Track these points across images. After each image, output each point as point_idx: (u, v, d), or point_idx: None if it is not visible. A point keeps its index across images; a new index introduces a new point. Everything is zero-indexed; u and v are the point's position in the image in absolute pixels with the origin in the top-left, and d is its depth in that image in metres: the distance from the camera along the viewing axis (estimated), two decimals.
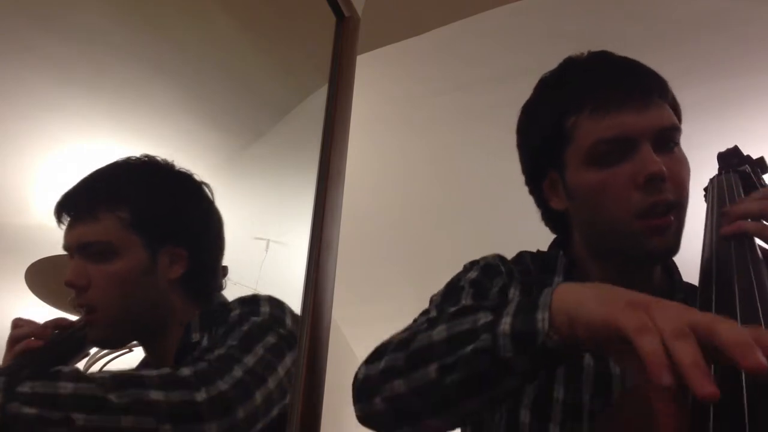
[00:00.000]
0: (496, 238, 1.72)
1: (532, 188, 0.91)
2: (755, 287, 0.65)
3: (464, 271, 0.87)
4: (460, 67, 2.22)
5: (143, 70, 1.58)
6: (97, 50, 1.51)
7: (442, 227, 2.94)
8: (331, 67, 1.36)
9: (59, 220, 0.96)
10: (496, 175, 2.51)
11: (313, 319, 1.06)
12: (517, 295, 0.83)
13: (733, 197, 0.89)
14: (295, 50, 1.72)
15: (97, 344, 1.01)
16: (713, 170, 0.99)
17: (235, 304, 0.93)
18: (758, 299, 0.63)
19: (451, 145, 2.55)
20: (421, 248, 3.01)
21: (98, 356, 1.65)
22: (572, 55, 0.89)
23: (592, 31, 2.01)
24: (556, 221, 0.90)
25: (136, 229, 0.94)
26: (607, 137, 0.77)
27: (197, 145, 1.70)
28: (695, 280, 0.78)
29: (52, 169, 1.58)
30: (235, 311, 0.91)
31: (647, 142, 0.77)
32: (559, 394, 0.76)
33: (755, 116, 2.31)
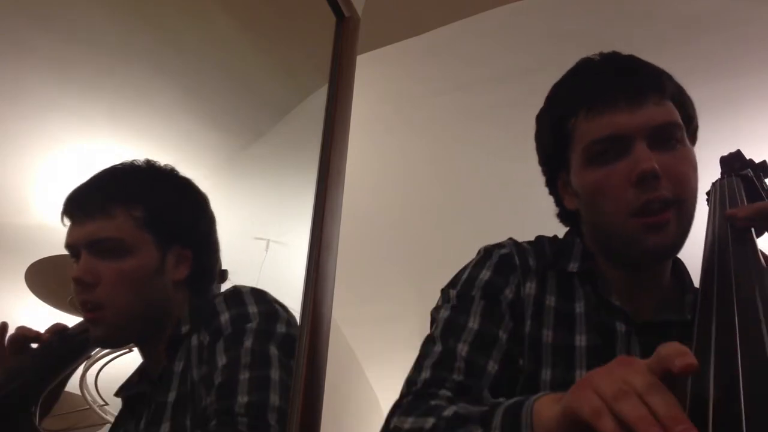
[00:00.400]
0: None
1: (550, 189, 0.92)
2: (756, 290, 0.65)
3: (478, 264, 0.86)
4: (460, 67, 2.22)
5: (143, 70, 1.58)
6: (97, 50, 1.51)
7: (442, 227, 2.94)
8: (331, 67, 1.36)
9: (66, 217, 0.96)
10: (496, 175, 2.51)
11: (313, 319, 1.06)
12: (533, 289, 0.83)
13: (735, 201, 0.89)
14: (295, 50, 1.72)
15: (100, 343, 1.01)
16: (713, 170, 0.99)
17: (219, 302, 0.91)
18: (759, 302, 0.63)
19: (451, 145, 2.55)
20: (421, 248, 3.01)
21: (98, 357, 1.65)
22: (587, 56, 0.89)
23: (592, 31, 2.01)
24: (570, 221, 0.91)
25: (148, 228, 0.94)
26: (599, 137, 0.79)
27: (197, 145, 1.70)
28: (694, 283, 0.78)
29: (52, 169, 1.58)
30: (223, 315, 0.89)
31: (642, 140, 0.77)
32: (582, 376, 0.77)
33: (755, 116, 2.31)
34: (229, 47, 1.67)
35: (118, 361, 1.70)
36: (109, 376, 1.75)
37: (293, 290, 1.08)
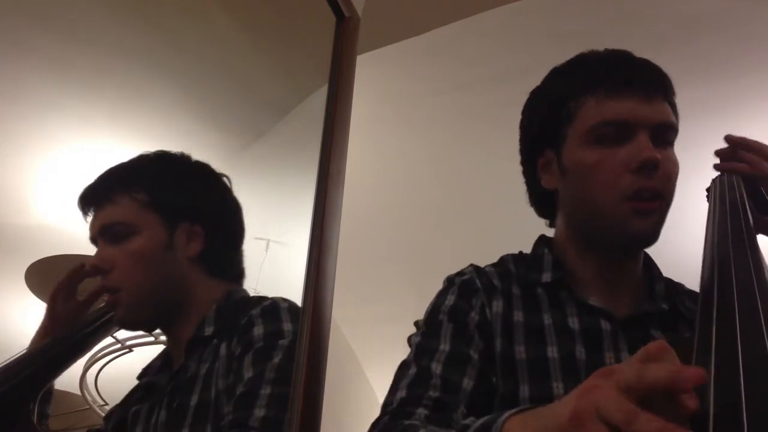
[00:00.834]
0: (496, 238, 1.72)
1: (526, 167, 0.93)
2: (756, 287, 0.65)
3: (442, 293, 0.87)
4: (460, 67, 2.22)
5: (143, 70, 1.59)
6: (97, 50, 1.51)
7: (442, 227, 2.94)
8: (331, 67, 1.36)
9: (82, 214, 1.00)
10: (496, 175, 2.51)
11: (313, 319, 1.05)
12: (500, 307, 0.84)
13: (734, 196, 0.89)
14: (295, 50, 1.72)
15: (122, 325, 1.03)
16: (710, 170, 0.99)
17: (256, 315, 0.91)
18: (759, 299, 0.63)
19: (451, 145, 2.55)
20: (421, 248, 3.01)
21: (98, 356, 1.65)
22: (594, 49, 0.91)
23: (592, 31, 2.01)
24: (543, 202, 0.92)
25: (153, 207, 0.97)
26: (609, 119, 0.81)
27: (197, 145, 1.70)
28: (694, 281, 0.78)
29: (52, 169, 1.58)
30: (257, 328, 0.89)
31: (645, 131, 0.80)
32: (558, 389, 0.76)
33: (755, 116, 2.31)
34: (229, 47, 1.67)
35: (118, 361, 1.70)
36: (109, 376, 1.75)
37: (293, 290, 1.08)
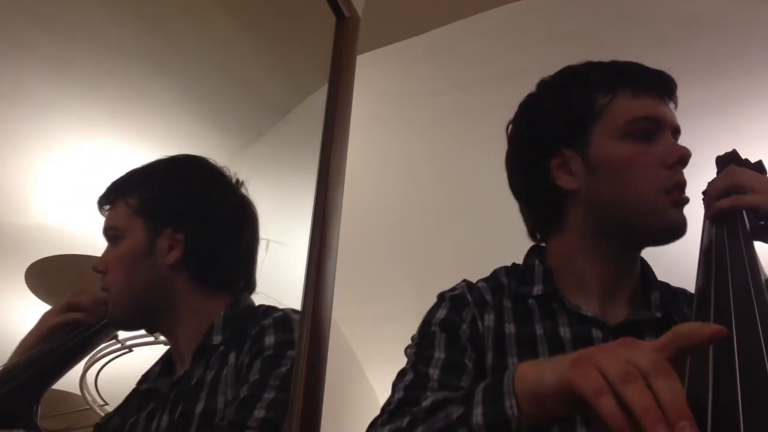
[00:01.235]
0: (496, 238, 1.72)
1: (530, 171, 0.92)
2: (752, 289, 0.65)
3: (433, 308, 0.88)
4: (460, 67, 2.21)
5: (143, 70, 1.58)
6: (97, 50, 1.51)
7: (442, 227, 2.94)
8: (331, 67, 1.36)
9: (102, 215, 1.04)
10: (496, 175, 2.50)
11: (313, 319, 1.05)
12: (491, 321, 0.84)
13: (732, 215, 0.89)
14: (295, 50, 1.72)
15: (112, 324, 1.05)
16: (713, 169, 0.99)
17: (268, 326, 0.92)
18: (756, 303, 0.63)
19: (451, 145, 2.55)
20: (421, 248, 3.01)
21: (98, 356, 1.65)
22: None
23: (592, 31, 2.01)
24: (550, 205, 0.91)
25: (140, 214, 0.99)
26: (645, 115, 0.84)
27: (197, 145, 1.70)
28: (690, 281, 0.79)
29: (52, 169, 1.58)
30: (268, 338, 0.90)
31: (669, 131, 0.86)
32: None
33: (755, 116, 2.30)
34: (229, 47, 1.67)
35: (118, 361, 1.70)
36: (109, 376, 1.75)
37: (293, 290, 1.08)
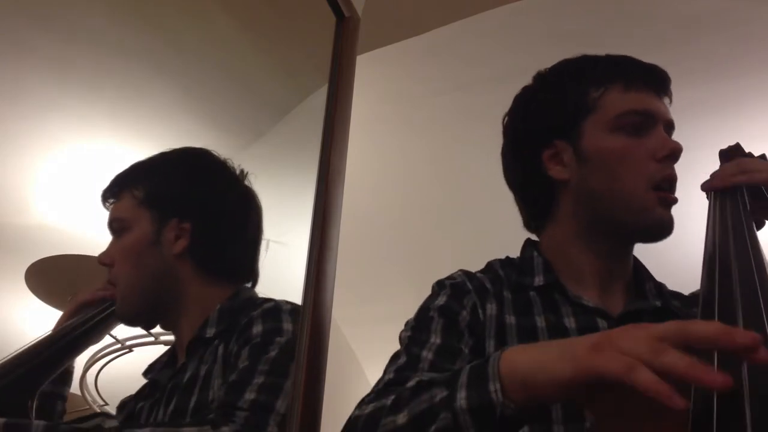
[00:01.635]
0: (496, 237, 1.72)
1: (523, 162, 0.93)
2: (758, 285, 0.65)
3: (432, 296, 0.87)
4: (460, 67, 2.21)
5: (143, 70, 1.58)
6: (97, 50, 1.51)
7: (442, 227, 2.94)
8: (331, 67, 1.36)
9: (105, 208, 1.03)
10: (496, 175, 2.50)
11: (313, 319, 1.05)
12: (493, 309, 0.84)
13: (734, 193, 0.90)
14: (295, 50, 1.72)
15: (119, 318, 1.04)
16: (713, 169, 0.99)
17: (256, 316, 0.92)
18: (761, 297, 0.63)
19: (451, 145, 2.55)
20: (421, 248, 3.01)
21: (98, 356, 1.65)
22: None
23: (592, 31, 2.01)
24: (542, 196, 0.91)
25: (146, 204, 0.99)
26: (638, 109, 0.85)
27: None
28: (690, 281, 0.79)
29: (52, 169, 1.58)
30: (256, 327, 0.90)
31: (661, 125, 0.85)
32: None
33: (756, 116, 2.30)
34: (229, 47, 1.67)
35: (118, 361, 1.70)
36: (109, 376, 1.75)
37: (293, 290, 1.08)
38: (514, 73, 2.15)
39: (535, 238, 0.96)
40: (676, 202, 0.84)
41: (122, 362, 1.68)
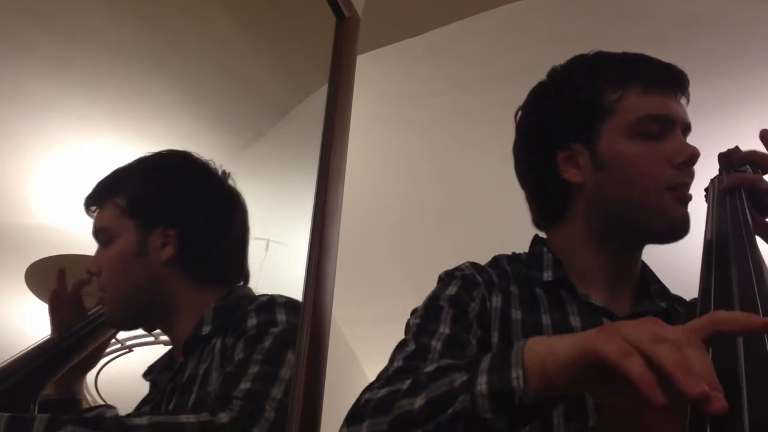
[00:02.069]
0: (496, 237, 1.72)
1: (537, 163, 0.92)
2: (756, 288, 0.65)
3: (442, 285, 0.87)
4: (460, 67, 2.21)
5: (143, 70, 1.58)
6: (97, 50, 1.51)
7: (442, 227, 2.94)
8: (331, 67, 1.36)
9: (89, 216, 1.03)
10: (496, 175, 2.51)
11: (313, 319, 1.05)
12: (498, 302, 0.84)
13: (733, 197, 0.90)
14: (295, 50, 1.72)
15: (109, 324, 1.05)
16: (713, 169, 0.99)
17: (251, 309, 0.92)
18: (759, 301, 0.63)
19: (451, 145, 2.55)
20: (421, 248, 3.01)
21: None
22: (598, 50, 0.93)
23: (592, 31, 2.01)
24: (555, 197, 0.91)
25: (129, 214, 0.99)
26: (656, 114, 0.84)
27: (197, 145, 1.70)
28: (693, 280, 0.78)
29: (52, 169, 1.58)
30: (251, 320, 0.90)
31: (679, 128, 0.85)
32: None
33: (756, 116, 2.30)
34: (229, 47, 1.67)
35: (118, 361, 1.70)
36: (109, 376, 1.75)
37: (293, 290, 1.08)
38: (514, 73, 2.17)
39: (542, 234, 0.96)
40: (691, 199, 0.84)
41: (122, 362, 1.68)
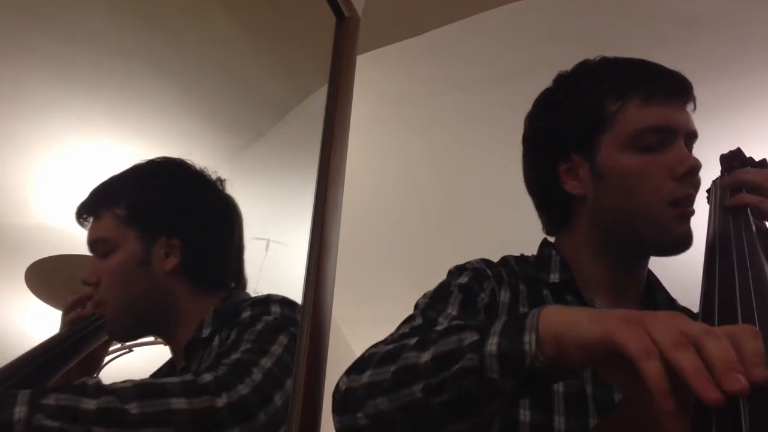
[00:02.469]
0: (496, 237, 1.72)
1: (540, 172, 0.92)
2: (758, 291, 0.65)
3: (453, 276, 0.86)
4: (460, 67, 2.21)
5: (143, 70, 1.58)
6: (97, 50, 1.51)
7: (442, 227, 2.94)
8: (331, 67, 1.36)
9: (81, 225, 1.01)
10: (496, 175, 2.51)
11: (313, 319, 1.05)
12: (507, 297, 0.84)
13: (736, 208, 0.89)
14: (295, 50, 1.72)
15: (109, 335, 1.04)
16: (713, 169, 0.99)
17: (246, 305, 0.94)
18: (761, 304, 0.63)
19: (451, 145, 2.55)
20: (421, 248, 3.01)
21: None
22: (602, 55, 0.92)
23: (592, 31, 2.01)
24: (559, 207, 0.91)
25: (130, 223, 0.98)
26: (656, 125, 0.82)
27: (197, 145, 1.70)
28: (695, 282, 0.78)
29: (52, 169, 1.58)
30: (245, 313, 0.91)
31: (682, 139, 0.83)
32: (559, 386, 0.76)
33: (756, 116, 2.30)
34: (229, 47, 1.67)
35: (118, 361, 1.70)
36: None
37: (293, 290, 1.08)
38: (514, 73, 2.17)
39: (551, 239, 0.96)
40: (693, 214, 0.83)
41: (122, 362, 1.68)
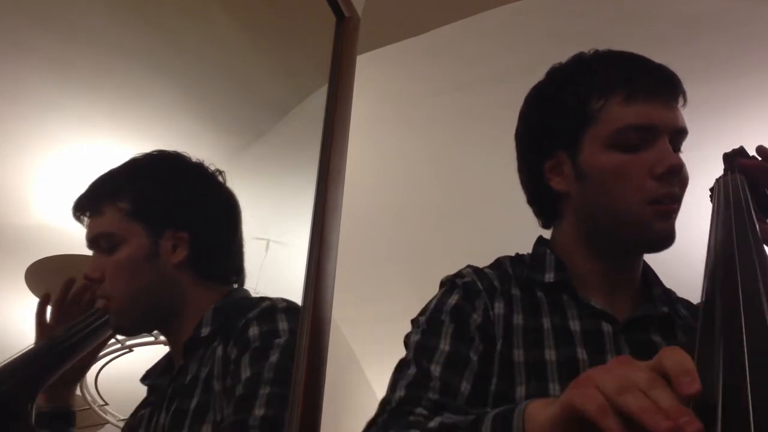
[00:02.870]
0: (496, 237, 1.72)
1: (528, 167, 0.92)
2: (762, 290, 0.65)
3: (443, 294, 0.86)
4: (460, 67, 2.22)
5: (143, 70, 1.59)
6: (97, 50, 1.51)
7: (442, 227, 2.94)
8: (331, 67, 1.36)
9: (78, 220, 1.00)
10: (496, 175, 2.51)
11: (313, 319, 1.05)
12: (501, 308, 0.84)
13: (739, 197, 0.89)
14: (295, 50, 1.72)
15: (115, 331, 1.04)
16: (713, 169, 0.99)
17: (252, 318, 0.91)
18: (766, 303, 0.63)
19: (451, 145, 2.55)
20: (421, 248, 3.01)
21: (98, 356, 1.65)
22: (596, 49, 0.91)
23: (592, 31, 2.01)
24: (545, 203, 0.91)
25: (136, 217, 0.97)
26: (637, 124, 0.81)
27: (197, 145, 1.70)
28: (694, 281, 0.78)
29: (52, 169, 1.58)
30: (253, 329, 0.89)
31: (666, 136, 0.82)
32: (551, 354, 0.78)
33: (756, 116, 2.31)
34: (229, 47, 1.67)
35: (118, 361, 1.70)
36: (109, 376, 1.75)
37: (293, 290, 1.08)
38: (514, 73, 2.17)
39: (546, 236, 0.96)
40: (675, 211, 0.81)
41: (122, 362, 1.68)
